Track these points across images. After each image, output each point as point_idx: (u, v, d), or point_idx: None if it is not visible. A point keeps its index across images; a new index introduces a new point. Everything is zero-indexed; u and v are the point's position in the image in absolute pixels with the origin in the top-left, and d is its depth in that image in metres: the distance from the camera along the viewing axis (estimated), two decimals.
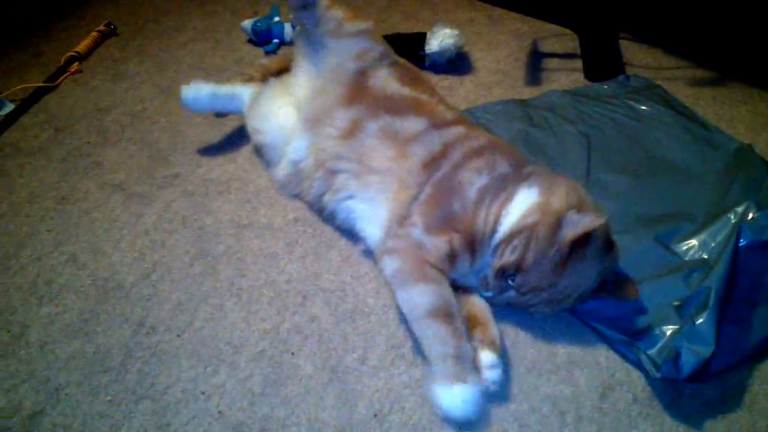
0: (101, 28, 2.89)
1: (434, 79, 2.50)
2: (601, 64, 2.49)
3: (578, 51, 2.54)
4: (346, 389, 1.50)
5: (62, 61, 2.68)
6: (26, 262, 1.84)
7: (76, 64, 2.68)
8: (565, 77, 2.51)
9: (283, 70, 2.26)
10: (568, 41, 2.66)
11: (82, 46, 2.76)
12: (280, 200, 1.99)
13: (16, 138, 2.31)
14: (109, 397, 1.50)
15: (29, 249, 1.88)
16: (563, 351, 1.56)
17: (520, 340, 1.59)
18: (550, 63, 2.61)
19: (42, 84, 2.55)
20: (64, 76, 2.62)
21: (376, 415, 1.45)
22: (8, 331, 1.66)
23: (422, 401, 1.47)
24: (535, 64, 2.59)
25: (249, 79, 2.23)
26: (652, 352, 1.46)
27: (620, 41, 2.65)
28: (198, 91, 2.14)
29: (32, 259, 1.85)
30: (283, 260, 1.82)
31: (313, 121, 1.88)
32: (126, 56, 2.78)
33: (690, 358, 1.40)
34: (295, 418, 1.45)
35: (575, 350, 1.57)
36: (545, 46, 2.70)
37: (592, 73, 2.48)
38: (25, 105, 2.46)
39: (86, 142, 2.27)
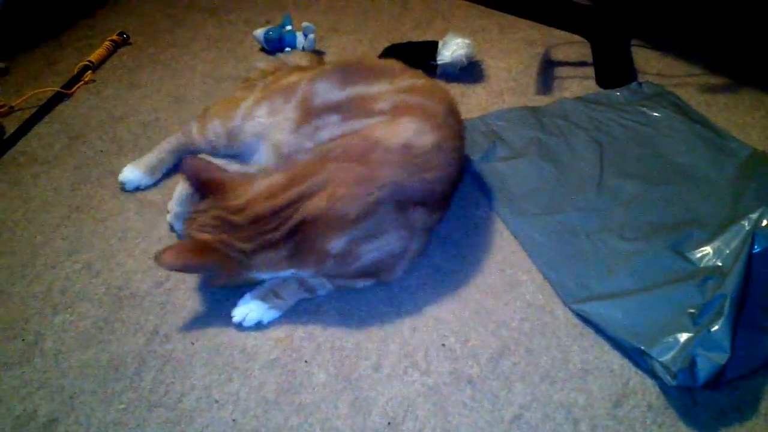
0: (114, 37, 2.90)
1: (445, 87, 2.49)
2: (613, 70, 2.49)
3: (590, 59, 2.54)
4: (359, 397, 1.50)
5: (75, 70, 2.69)
6: (41, 271, 1.85)
7: (89, 73, 2.70)
8: (577, 84, 2.50)
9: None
10: (580, 48, 2.66)
11: (95, 55, 2.77)
12: None
13: (31, 147, 2.32)
14: (123, 405, 1.51)
15: (43, 257, 1.89)
16: (577, 359, 1.56)
17: (533, 348, 1.59)
18: (562, 70, 2.60)
19: (56, 89, 2.57)
20: (78, 85, 2.63)
21: (389, 423, 1.45)
22: (23, 340, 1.67)
23: (436, 409, 1.47)
24: (547, 72, 2.59)
25: (249, 87, 2.24)
26: (667, 359, 1.46)
27: (632, 48, 2.65)
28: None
29: (47, 267, 1.86)
30: None
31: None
32: (139, 65, 2.79)
33: (705, 366, 1.40)
34: (309, 426, 1.45)
35: (589, 358, 1.56)
36: (557, 54, 2.70)
37: (604, 79, 2.48)
38: (39, 114, 2.47)
39: (100, 150, 2.28)
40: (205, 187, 1.65)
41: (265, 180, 1.64)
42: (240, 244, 1.57)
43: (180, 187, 1.90)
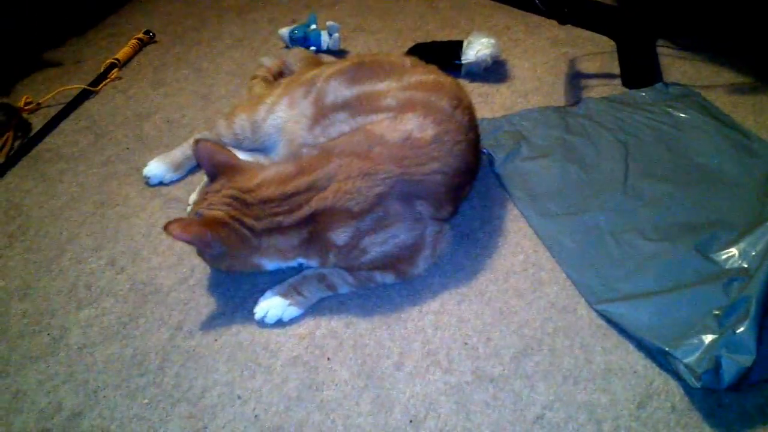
0: (140, 35, 2.92)
1: (470, 86, 2.49)
2: (639, 71, 2.47)
3: (616, 59, 2.52)
4: (381, 395, 1.50)
5: (102, 67, 2.71)
6: (66, 266, 1.86)
7: (115, 70, 2.72)
8: (603, 85, 2.49)
9: (281, 73, 2.42)
10: (606, 49, 2.65)
11: (121, 53, 2.79)
12: None
13: (57, 144, 2.34)
14: (146, 400, 1.52)
15: (69, 253, 1.90)
16: (600, 359, 1.55)
17: (556, 348, 1.58)
18: (588, 71, 2.59)
19: (83, 86, 2.59)
20: (104, 82, 2.65)
21: (411, 421, 1.45)
22: (48, 334, 1.69)
23: (458, 408, 1.47)
24: (573, 74, 2.58)
25: (275, 84, 2.30)
26: (691, 361, 1.44)
27: (658, 49, 2.63)
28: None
29: (72, 263, 1.87)
30: None
31: None
32: (165, 63, 2.81)
33: (730, 368, 1.38)
34: (331, 422, 1.46)
35: (612, 358, 1.55)
36: (582, 54, 2.69)
37: (630, 80, 2.46)
38: (66, 111, 2.49)
39: (126, 147, 2.30)
40: (217, 169, 1.70)
41: (276, 167, 1.69)
42: (250, 221, 1.61)
43: (204, 182, 1.90)
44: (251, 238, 1.62)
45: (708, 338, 1.47)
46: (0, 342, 1.67)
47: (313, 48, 2.75)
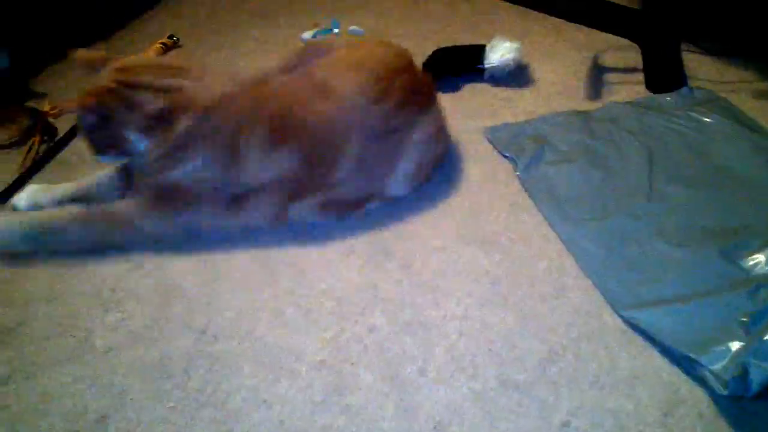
0: (164, 40, 2.94)
1: (493, 90, 2.49)
2: (664, 75, 2.46)
3: (640, 63, 2.51)
4: (405, 400, 1.50)
5: None
6: (91, 269, 1.87)
7: None
8: (627, 89, 2.48)
9: None
10: (629, 53, 2.63)
11: None
12: None
13: (83, 148, 2.34)
14: (171, 403, 1.52)
15: (94, 256, 1.91)
16: (625, 365, 1.54)
17: (581, 353, 1.57)
18: (612, 75, 2.58)
19: None
20: None
21: (435, 427, 1.44)
22: (74, 336, 1.69)
23: (483, 414, 1.46)
24: (596, 77, 2.57)
25: None
26: (718, 368, 1.43)
27: (683, 53, 2.62)
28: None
29: (97, 265, 1.88)
30: (340, 268, 1.83)
31: None
32: None
33: (758, 375, 1.37)
34: (356, 427, 1.45)
35: (637, 365, 1.54)
36: (606, 59, 2.68)
37: (655, 84, 2.45)
38: None
39: None
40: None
41: (166, 58, 2.03)
42: (131, 92, 1.79)
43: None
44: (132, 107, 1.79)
45: (735, 345, 1.46)
46: (26, 344, 1.68)
47: None
